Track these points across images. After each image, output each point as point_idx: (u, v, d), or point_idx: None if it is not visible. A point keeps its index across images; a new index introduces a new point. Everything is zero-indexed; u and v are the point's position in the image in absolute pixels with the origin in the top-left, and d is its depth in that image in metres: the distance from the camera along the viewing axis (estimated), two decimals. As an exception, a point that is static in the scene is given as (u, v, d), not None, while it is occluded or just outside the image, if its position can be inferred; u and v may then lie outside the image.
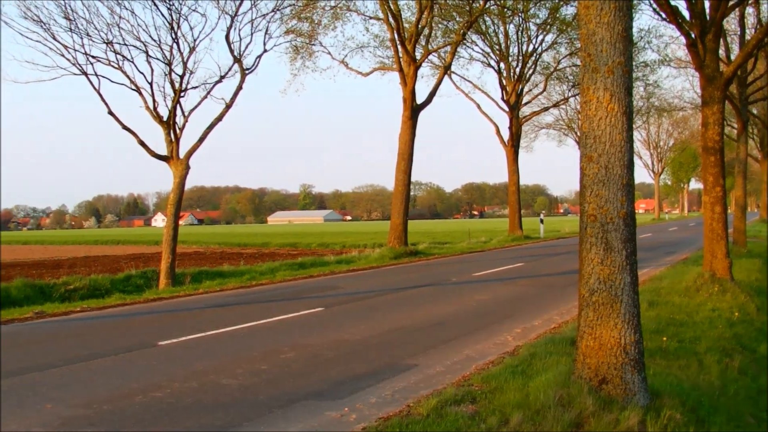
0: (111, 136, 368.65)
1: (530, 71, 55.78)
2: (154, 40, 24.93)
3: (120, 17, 24.45)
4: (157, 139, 25.75)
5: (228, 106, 26.07)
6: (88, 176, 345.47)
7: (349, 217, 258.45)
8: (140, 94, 25.03)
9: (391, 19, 38.55)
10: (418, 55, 39.92)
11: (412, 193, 44.97)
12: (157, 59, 25.09)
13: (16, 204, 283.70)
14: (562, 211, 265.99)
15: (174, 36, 24.89)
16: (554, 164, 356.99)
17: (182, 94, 25.28)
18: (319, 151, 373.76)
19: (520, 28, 53.38)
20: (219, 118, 26.00)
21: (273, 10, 26.84)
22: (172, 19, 24.66)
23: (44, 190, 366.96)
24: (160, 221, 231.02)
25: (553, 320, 15.72)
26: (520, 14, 49.89)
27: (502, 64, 54.81)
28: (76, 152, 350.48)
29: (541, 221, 62.88)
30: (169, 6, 24.46)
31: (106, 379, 10.71)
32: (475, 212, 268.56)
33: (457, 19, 44.93)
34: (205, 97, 25.91)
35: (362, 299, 20.40)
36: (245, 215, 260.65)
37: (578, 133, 72.87)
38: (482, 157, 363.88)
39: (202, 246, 63.20)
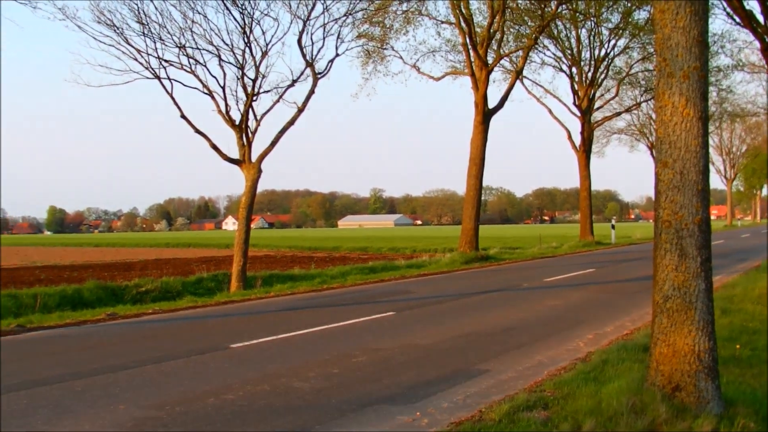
0: (183, 140, 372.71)
1: (602, 76, 55.28)
2: (227, 44, 25.20)
3: (192, 21, 24.74)
4: (229, 143, 25.93)
5: (300, 110, 26.13)
6: (159, 179, 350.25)
7: (419, 222, 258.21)
8: (213, 98, 25.29)
9: (462, 24, 38.50)
10: (489, 60, 39.76)
11: (482, 198, 44.69)
12: (230, 63, 25.35)
13: (87, 206, 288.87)
14: (633, 216, 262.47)
15: (246, 40, 25.09)
16: (625, 170, 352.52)
17: (254, 98, 25.45)
18: (390, 155, 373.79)
19: (592, 33, 52.92)
20: (291, 122, 26.08)
21: (345, 15, 26.86)
22: (245, 24, 24.87)
23: (116, 193, 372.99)
24: (230, 224, 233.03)
25: (625, 326, 15.53)
26: (592, 18, 49.49)
27: (574, 69, 54.39)
28: (147, 155, 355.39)
29: (613, 227, 62.18)
30: (241, 10, 24.66)
31: (179, 381, 10.78)
32: (546, 217, 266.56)
33: (529, 23, 44.75)
34: (278, 101, 26.00)
35: (433, 304, 20.38)
36: (315, 219, 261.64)
37: (650, 139, 72.16)
38: (553, 162, 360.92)
39: (273, 249, 63.39)
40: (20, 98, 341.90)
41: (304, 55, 26.34)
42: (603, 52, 53.39)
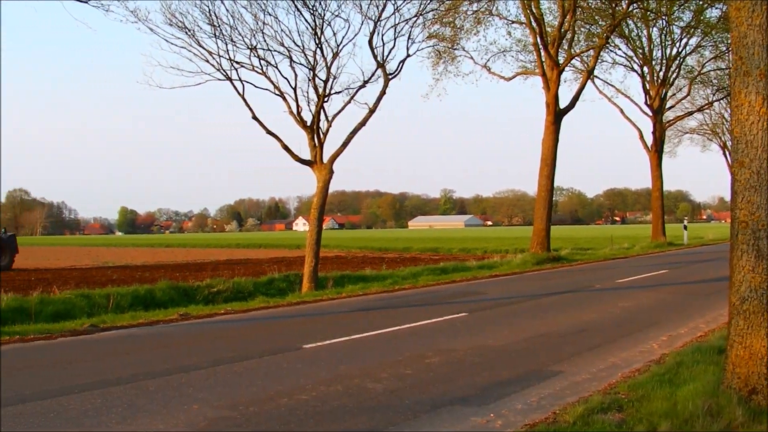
0: (253, 141, 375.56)
1: (674, 75, 54.60)
2: (298, 46, 25.11)
3: (264, 23, 24.72)
4: (301, 144, 25.94)
5: (371, 111, 25.97)
6: (230, 180, 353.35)
7: (489, 223, 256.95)
8: (284, 99, 25.27)
9: (533, 23, 38.33)
10: (560, 60, 39.51)
11: (554, 199, 44.38)
12: (301, 64, 25.30)
13: (158, 207, 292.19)
14: (705, 217, 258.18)
15: (317, 41, 24.99)
16: (697, 170, 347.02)
17: (326, 99, 25.34)
18: (461, 155, 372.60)
19: (664, 31, 52.32)
20: (362, 123, 25.95)
21: (416, 15, 26.58)
22: (316, 25, 24.77)
23: (186, 194, 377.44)
24: (301, 225, 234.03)
25: (699, 328, 15.30)
26: (663, 17, 48.92)
27: (645, 68, 53.81)
28: (218, 157, 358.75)
29: (685, 228, 61.40)
30: (312, 11, 24.58)
31: (251, 381, 10.82)
32: (617, 218, 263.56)
33: (600, 22, 44.38)
34: (349, 101, 25.88)
35: (505, 305, 20.31)
36: (386, 220, 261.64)
37: (723, 138, 70.98)
38: (624, 162, 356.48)
39: (344, 250, 63.46)
40: (93, 100, 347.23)
41: (375, 56, 26.22)
42: (675, 50, 52.81)
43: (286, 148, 25.23)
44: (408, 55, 27.20)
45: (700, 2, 46.72)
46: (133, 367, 11.98)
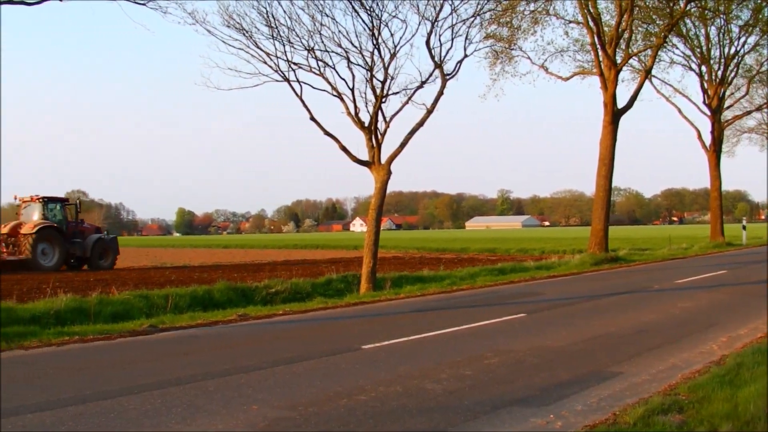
0: (310, 142, 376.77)
1: (732, 74, 53.92)
2: (355, 47, 25.04)
3: (321, 24, 24.67)
4: (358, 145, 25.92)
5: (429, 112, 25.89)
6: (287, 181, 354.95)
7: (547, 223, 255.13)
8: (342, 100, 25.25)
9: (590, 23, 38.12)
10: (618, 59, 39.25)
11: (611, 199, 44.08)
12: (358, 65, 25.25)
13: (216, 208, 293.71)
14: (763, 217, 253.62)
15: (375, 42, 24.92)
16: (756, 169, 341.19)
17: (383, 99, 25.25)
18: (517, 155, 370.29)
19: (722, 30, 51.73)
20: (420, 124, 25.88)
21: (473, 15, 26.40)
22: (373, 26, 24.71)
23: (244, 195, 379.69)
24: (358, 226, 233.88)
25: (759, 329, 15.08)
26: (721, 16, 48.32)
27: (703, 67, 53.23)
28: (275, 157, 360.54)
29: (744, 228, 60.54)
30: (369, 12, 24.51)
31: (310, 382, 10.80)
32: (675, 218, 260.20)
33: (658, 22, 43.95)
34: (407, 102, 25.78)
35: (564, 305, 20.23)
36: (443, 220, 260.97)
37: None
38: (682, 162, 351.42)
39: (401, 251, 63.38)
40: (151, 102, 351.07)
41: (432, 57, 26.10)
42: (733, 49, 52.19)
43: (344, 148, 25.27)
44: (465, 56, 27.00)
45: (759, 0, 46.07)
46: (192, 368, 12.05)
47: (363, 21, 24.70)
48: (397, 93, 25.73)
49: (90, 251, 40.65)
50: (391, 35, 25.07)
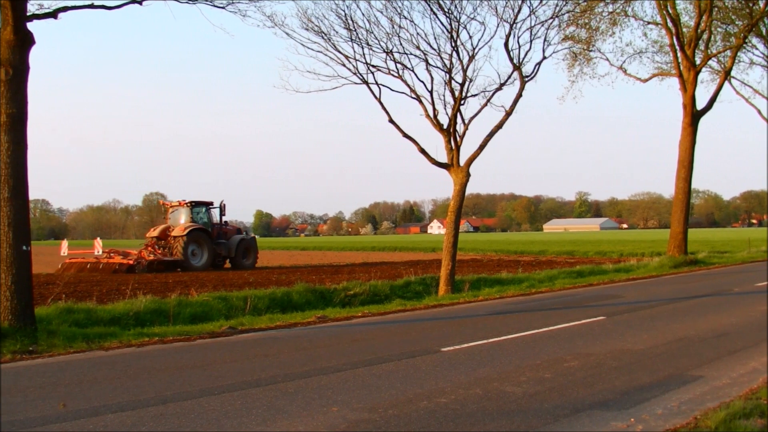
0: (387, 144, 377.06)
1: (815, 74, 52.62)
2: (434, 49, 24.91)
3: (399, 27, 24.63)
4: (437, 147, 25.77)
5: (508, 114, 25.61)
6: (364, 183, 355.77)
7: (625, 225, 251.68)
8: (420, 102, 25.16)
9: (669, 24, 37.65)
10: (697, 60, 38.66)
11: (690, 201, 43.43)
12: (437, 67, 25.12)
13: (293, 210, 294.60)
14: None
15: (453, 44, 24.76)
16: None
17: (462, 101, 25.08)
18: (595, 157, 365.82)
19: (804, 30, 50.41)
20: (499, 126, 25.60)
21: (551, 17, 26.10)
22: (452, 28, 24.55)
23: (321, 197, 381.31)
24: (435, 228, 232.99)
25: None
26: (804, 16, 47.15)
27: (785, 68, 51.94)
28: (353, 160, 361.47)
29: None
30: (448, 15, 24.37)
31: (390, 384, 10.79)
32: (754, 221, 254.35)
33: (737, 22, 43.06)
34: (485, 104, 25.52)
35: (643, 308, 19.96)
36: (521, 223, 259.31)
37: None
38: (762, 164, 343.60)
39: (479, 253, 63.15)
40: (229, 105, 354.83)
41: (511, 59, 25.84)
42: (816, 50, 50.79)
43: (422, 151, 25.17)
44: (544, 58, 26.65)
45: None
46: (272, 369, 12.11)
47: (441, 23, 24.61)
48: (476, 95, 25.54)
49: (234, 251, 43.47)
50: (470, 37, 24.93)
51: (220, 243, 43.18)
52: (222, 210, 43.86)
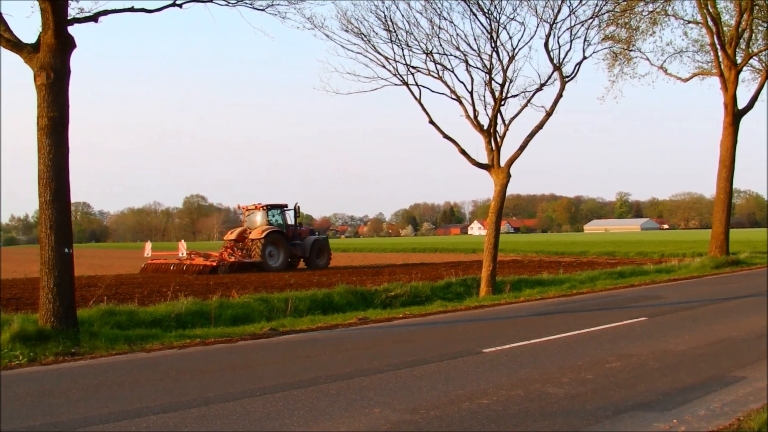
0: (427, 145, 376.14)
1: None
2: (474, 50, 24.81)
3: (439, 28, 24.61)
4: (477, 148, 25.63)
5: (548, 114, 25.43)
6: (404, 185, 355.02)
7: (666, 226, 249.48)
8: (460, 103, 25.08)
9: (710, 23, 37.39)
10: (738, 59, 38.33)
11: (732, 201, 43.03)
12: (477, 68, 25.02)
13: (333, 212, 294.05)
14: None
15: (493, 45, 24.63)
16: None
17: (502, 102, 24.94)
18: (636, 158, 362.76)
19: None
20: (540, 126, 25.46)
21: (591, 17, 25.90)
22: (491, 29, 24.44)
23: (361, 199, 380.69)
24: (476, 229, 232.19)
25: None
26: None
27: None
28: (393, 161, 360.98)
29: None
30: (487, 15, 24.27)
31: (432, 385, 10.77)
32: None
33: (778, 20, 42.61)
34: (525, 105, 25.37)
35: (685, 309, 19.81)
36: (561, 223, 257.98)
37: None
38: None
39: (520, 254, 62.89)
40: (267, 107, 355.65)
41: (551, 59, 25.68)
42: None
43: (463, 152, 25.07)
44: (584, 58, 26.39)
45: None
46: (313, 371, 12.11)
47: (481, 24, 24.49)
48: (516, 96, 25.39)
49: (308, 251, 45.28)
50: (510, 38, 24.80)
51: (296, 244, 44.68)
52: (296, 212, 45.40)
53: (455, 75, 25.27)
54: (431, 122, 25.04)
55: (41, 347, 13.96)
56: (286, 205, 45.78)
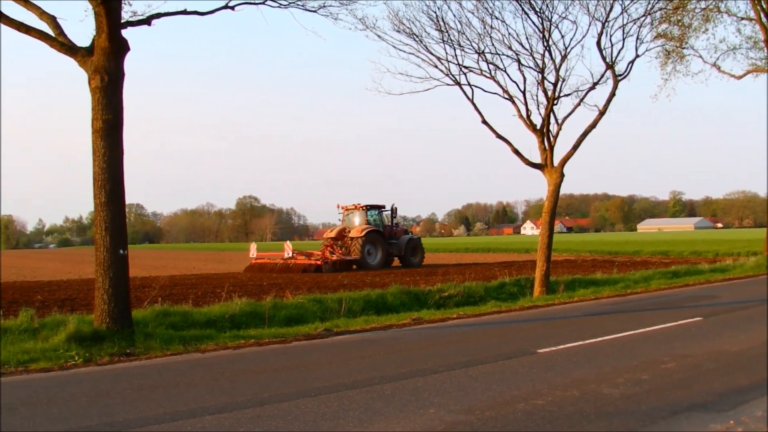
0: (480, 145, 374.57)
1: None
2: (526, 49, 24.79)
3: (491, 27, 24.59)
4: (530, 148, 25.50)
5: (601, 113, 25.32)
6: (457, 185, 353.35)
7: (720, 225, 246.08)
8: (513, 102, 25.04)
9: (764, 19, 36.82)
10: (793, 56, 37.72)
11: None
12: (529, 68, 25.01)
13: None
14: None
15: (545, 44, 24.58)
16: None
17: (555, 101, 24.89)
18: (689, 156, 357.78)
19: None
20: (592, 126, 25.35)
21: (643, 15, 25.75)
22: (543, 28, 24.39)
23: (414, 199, 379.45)
24: (528, 229, 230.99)
25: None
26: None
27: None
28: (445, 161, 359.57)
29: None
30: (539, 14, 24.22)
31: (487, 386, 10.71)
32: None
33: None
34: (578, 104, 25.28)
35: (741, 309, 19.55)
36: (614, 223, 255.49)
37: None
38: None
39: (573, 254, 62.48)
40: (319, 108, 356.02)
41: (603, 58, 25.54)
42: None
43: (516, 151, 25.03)
44: (637, 56, 26.20)
45: None
46: (368, 371, 12.09)
47: (533, 23, 24.38)
48: (569, 95, 25.31)
49: (404, 250, 46.68)
50: (562, 37, 24.72)
51: (392, 243, 46.12)
52: (393, 212, 46.70)
53: (507, 74, 25.26)
54: (484, 122, 25.01)
55: (97, 348, 14.13)
56: (383, 206, 47.09)
